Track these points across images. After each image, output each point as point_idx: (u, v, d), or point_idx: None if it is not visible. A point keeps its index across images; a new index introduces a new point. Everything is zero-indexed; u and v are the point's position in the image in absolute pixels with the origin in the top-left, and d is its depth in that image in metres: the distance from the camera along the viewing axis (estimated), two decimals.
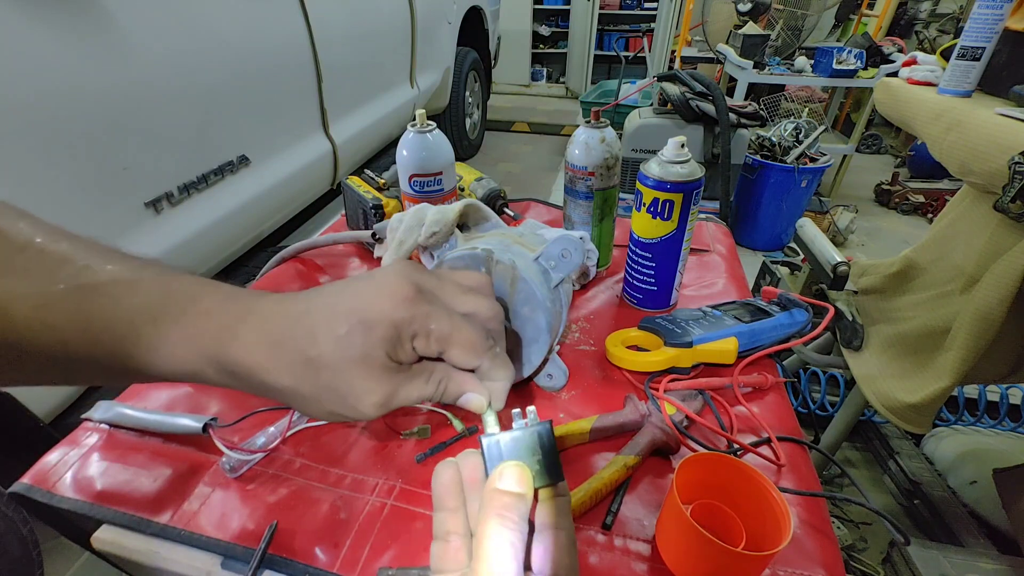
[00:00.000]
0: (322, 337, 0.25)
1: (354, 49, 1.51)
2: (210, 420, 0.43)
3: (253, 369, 0.25)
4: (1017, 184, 0.56)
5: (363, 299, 0.26)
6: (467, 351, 0.27)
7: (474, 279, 0.31)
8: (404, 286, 0.26)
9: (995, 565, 0.76)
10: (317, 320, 0.25)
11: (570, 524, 0.25)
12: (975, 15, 0.66)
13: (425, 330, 0.26)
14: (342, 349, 0.25)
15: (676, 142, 0.52)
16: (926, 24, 3.22)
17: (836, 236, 2.24)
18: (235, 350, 0.25)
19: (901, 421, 0.71)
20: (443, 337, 0.26)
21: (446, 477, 0.25)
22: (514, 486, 0.23)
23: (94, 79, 0.76)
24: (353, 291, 0.26)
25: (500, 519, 0.21)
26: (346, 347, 0.25)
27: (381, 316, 0.25)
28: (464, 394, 0.28)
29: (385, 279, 0.26)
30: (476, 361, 0.28)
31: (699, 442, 0.43)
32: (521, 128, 3.87)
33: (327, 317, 0.25)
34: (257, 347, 0.25)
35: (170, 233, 0.92)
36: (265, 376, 0.25)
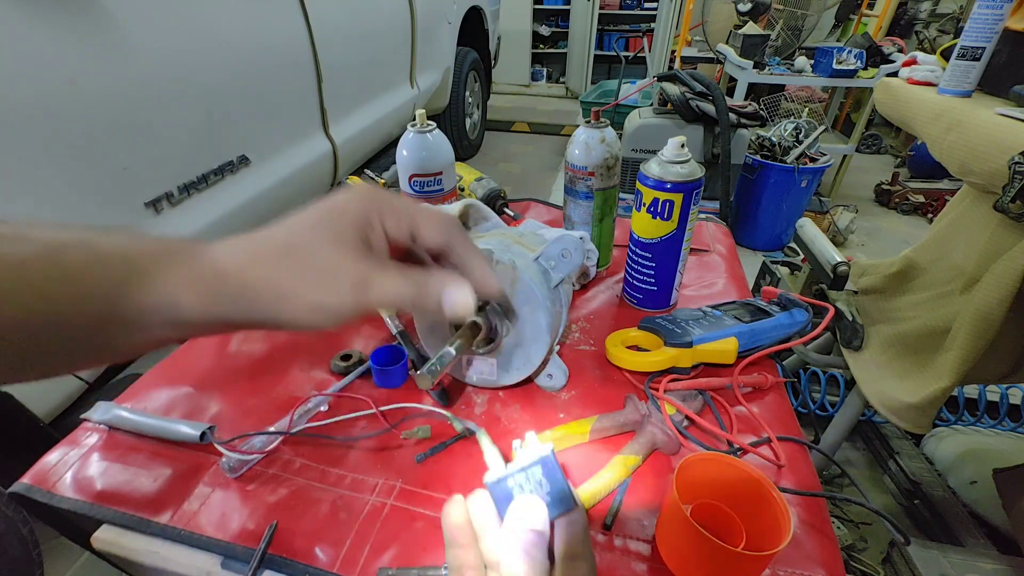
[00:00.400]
0: (296, 228, 0.26)
1: (354, 49, 1.51)
2: (208, 428, 0.43)
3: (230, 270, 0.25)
4: (1017, 184, 0.55)
5: (331, 199, 0.28)
6: (435, 225, 0.28)
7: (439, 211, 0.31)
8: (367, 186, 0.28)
9: (995, 565, 0.76)
10: (290, 222, 0.27)
11: (590, 552, 0.26)
12: (975, 15, 0.66)
13: (391, 208, 0.27)
14: (316, 232, 0.26)
15: (676, 142, 0.52)
16: (926, 24, 3.22)
17: (836, 236, 2.24)
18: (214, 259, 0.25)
19: (901, 421, 0.71)
20: (408, 213, 0.27)
21: (456, 516, 0.26)
22: (533, 523, 0.24)
23: (94, 79, 0.76)
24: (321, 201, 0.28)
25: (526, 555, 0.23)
26: (319, 230, 0.26)
27: (349, 203, 0.27)
28: (444, 289, 0.27)
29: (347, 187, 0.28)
30: (446, 235, 0.28)
31: (699, 442, 0.43)
32: (521, 128, 3.87)
33: (299, 217, 0.27)
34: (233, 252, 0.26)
35: (170, 233, 0.91)
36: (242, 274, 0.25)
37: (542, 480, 0.25)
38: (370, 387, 0.50)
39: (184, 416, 0.47)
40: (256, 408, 0.48)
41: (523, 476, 0.25)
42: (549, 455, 0.26)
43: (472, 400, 0.49)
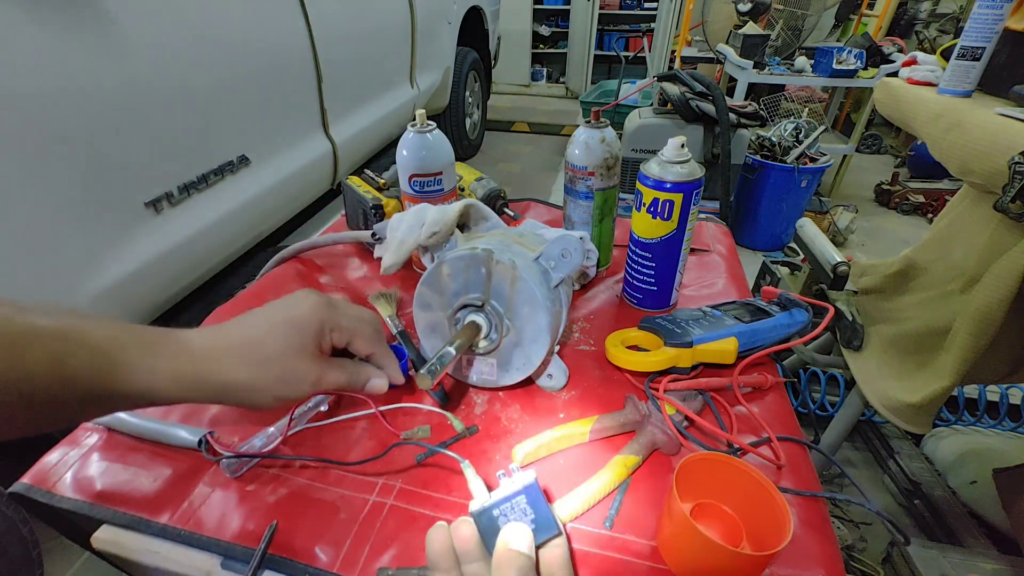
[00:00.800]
0: (271, 341, 0.35)
1: (354, 49, 1.51)
2: (207, 434, 0.43)
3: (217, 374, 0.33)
4: (1017, 184, 0.55)
5: (294, 311, 0.36)
6: (366, 341, 0.39)
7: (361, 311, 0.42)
8: (319, 299, 0.37)
9: (995, 565, 0.76)
10: (264, 332, 0.35)
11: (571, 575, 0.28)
12: (975, 15, 0.66)
13: (338, 325, 0.38)
14: (286, 346, 0.35)
15: (676, 142, 0.52)
16: (926, 24, 3.21)
17: (836, 236, 2.24)
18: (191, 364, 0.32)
19: (901, 421, 0.71)
20: (350, 330, 0.38)
21: (439, 542, 0.28)
22: (523, 547, 0.26)
23: (94, 79, 0.76)
24: (284, 307, 0.37)
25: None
26: (288, 344, 0.35)
27: (310, 318, 0.36)
28: (369, 380, 0.40)
29: (305, 298, 0.37)
30: (371, 348, 0.40)
31: (699, 442, 0.43)
32: (521, 128, 3.87)
33: (272, 328, 0.35)
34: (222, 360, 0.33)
35: (170, 233, 0.92)
36: (228, 376, 0.33)
37: (527, 508, 0.27)
38: None
39: (184, 415, 0.47)
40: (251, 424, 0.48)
41: (508, 505, 0.27)
42: (533, 483, 0.27)
43: (472, 400, 0.49)
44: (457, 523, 0.28)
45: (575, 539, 0.37)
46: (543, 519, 0.26)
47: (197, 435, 0.43)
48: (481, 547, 0.27)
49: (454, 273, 0.44)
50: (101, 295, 0.80)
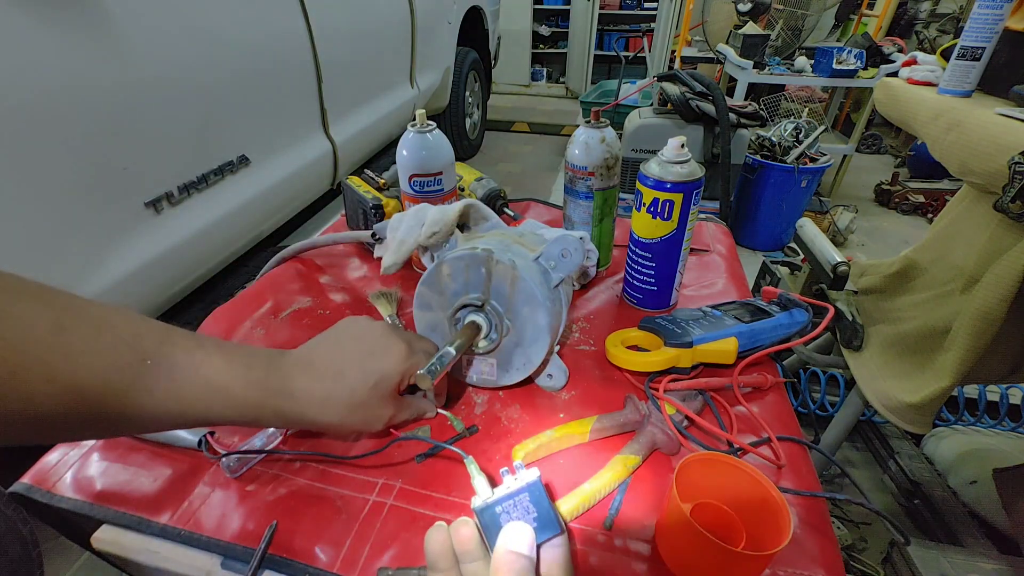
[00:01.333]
0: (360, 391, 0.39)
1: (354, 49, 1.51)
2: (207, 434, 0.43)
3: (309, 415, 0.37)
4: (1017, 184, 0.55)
5: (380, 360, 0.40)
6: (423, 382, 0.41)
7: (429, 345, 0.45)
8: (405, 349, 0.41)
9: (995, 565, 0.76)
10: (355, 378, 0.39)
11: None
12: (975, 15, 0.66)
13: (410, 374, 0.41)
14: (373, 394, 0.39)
15: (676, 142, 0.52)
16: (926, 24, 3.21)
17: (836, 236, 2.24)
18: (295, 406, 0.36)
19: (901, 421, 0.71)
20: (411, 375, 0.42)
21: (438, 542, 0.27)
22: (523, 548, 0.25)
23: (94, 79, 0.76)
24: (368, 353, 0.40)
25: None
26: (375, 392, 0.39)
27: (394, 370, 0.40)
28: (425, 413, 0.45)
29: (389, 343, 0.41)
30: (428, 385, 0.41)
31: (699, 442, 0.43)
32: (521, 128, 3.87)
33: (362, 375, 0.39)
34: (311, 402, 0.37)
35: (170, 233, 0.92)
36: (319, 419, 0.37)
37: (529, 506, 0.26)
38: None
39: None
40: None
41: (511, 503, 0.27)
42: (536, 481, 0.27)
43: (472, 400, 0.49)
44: (456, 524, 0.28)
45: (575, 539, 0.37)
46: (545, 517, 0.26)
47: (197, 435, 0.43)
48: (481, 547, 0.27)
49: (454, 273, 0.44)
50: (101, 295, 0.80)
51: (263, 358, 0.36)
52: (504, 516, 0.26)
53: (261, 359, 0.36)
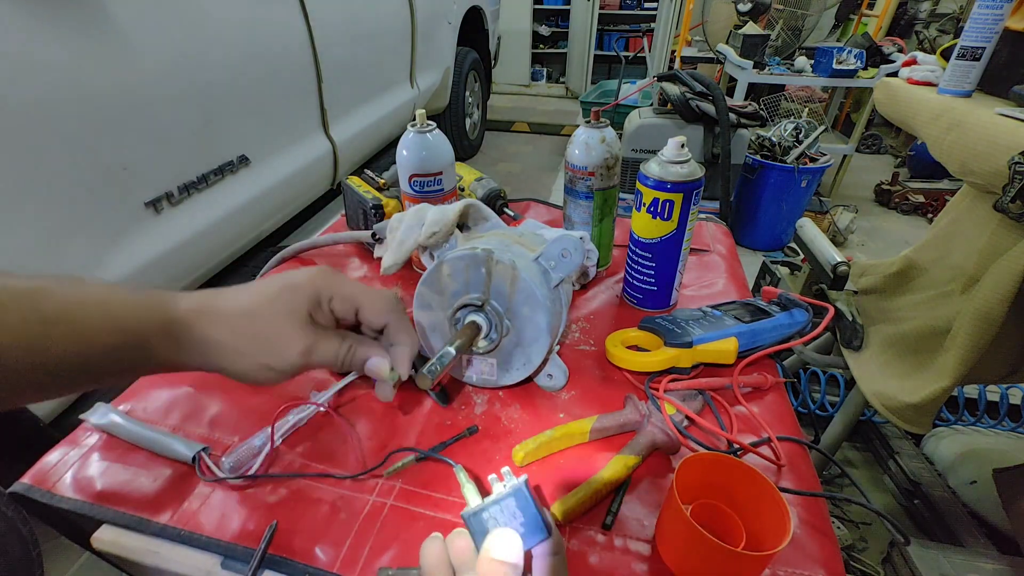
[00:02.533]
0: (257, 299, 0.32)
1: (354, 49, 1.51)
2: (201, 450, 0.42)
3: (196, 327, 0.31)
4: (1017, 184, 0.55)
5: (289, 276, 0.33)
6: (376, 308, 0.34)
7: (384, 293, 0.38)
8: (321, 268, 0.34)
9: (995, 565, 0.76)
10: (252, 292, 0.32)
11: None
12: (975, 15, 0.66)
13: (340, 293, 0.34)
14: (273, 304, 0.32)
15: (676, 142, 0.52)
16: (926, 24, 3.21)
17: (836, 236, 2.24)
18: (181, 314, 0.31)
19: (901, 421, 0.71)
20: (354, 298, 0.34)
21: (433, 552, 0.27)
22: (506, 555, 0.25)
23: (94, 79, 0.76)
24: (280, 275, 0.34)
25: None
26: (276, 302, 0.32)
27: (304, 281, 0.33)
28: (369, 358, 0.35)
29: (307, 268, 0.34)
30: (384, 318, 0.35)
31: (699, 442, 0.43)
32: (521, 128, 3.86)
33: (261, 288, 0.32)
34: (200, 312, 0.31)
35: (170, 233, 0.92)
36: (207, 331, 0.31)
37: (516, 511, 0.26)
38: (370, 386, 0.50)
39: (184, 417, 0.47)
40: (256, 408, 0.48)
41: (497, 509, 0.27)
42: (521, 486, 0.27)
43: (472, 400, 0.49)
44: (452, 535, 0.28)
45: (575, 539, 0.37)
46: (532, 522, 0.26)
47: (193, 449, 0.42)
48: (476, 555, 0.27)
49: (454, 273, 0.44)
50: None
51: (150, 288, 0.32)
52: (491, 522, 0.26)
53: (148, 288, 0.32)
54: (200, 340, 0.31)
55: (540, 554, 0.27)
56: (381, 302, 0.35)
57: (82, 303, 0.28)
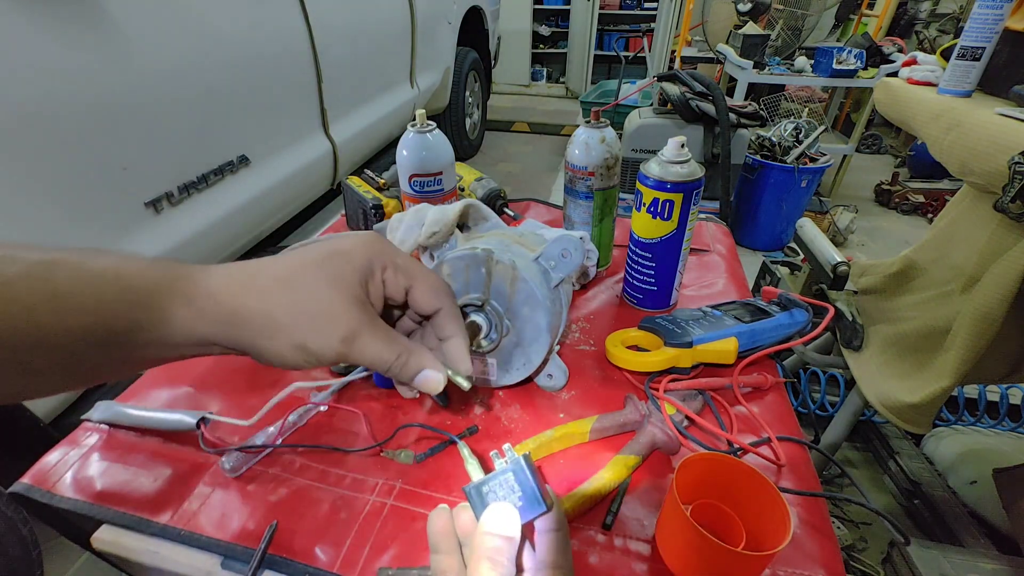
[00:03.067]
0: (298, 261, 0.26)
1: (354, 49, 1.51)
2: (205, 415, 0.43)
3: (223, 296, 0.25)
4: (1017, 184, 0.55)
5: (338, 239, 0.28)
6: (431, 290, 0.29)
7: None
8: (374, 234, 0.28)
9: (995, 565, 0.76)
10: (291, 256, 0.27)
11: (567, 561, 0.27)
12: (975, 15, 0.66)
13: (393, 263, 0.28)
14: (318, 270, 0.26)
15: (676, 142, 0.52)
16: (926, 24, 3.21)
17: (836, 236, 2.24)
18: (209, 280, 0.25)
19: (901, 421, 0.71)
20: (409, 271, 0.28)
21: (439, 523, 0.27)
22: (500, 528, 0.25)
23: (94, 79, 0.76)
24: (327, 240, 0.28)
25: (490, 562, 0.23)
26: (321, 269, 0.26)
27: (355, 248, 0.27)
28: (423, 370, 0.28)
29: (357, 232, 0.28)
30: (438, 303, 0.29)
31: (699, 442, 0.43)
32: (521, 128, 3.86)
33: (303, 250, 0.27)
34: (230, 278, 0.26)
35: (170, 233, 0.92)
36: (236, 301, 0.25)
37: (514, 485, 0.26)
38: (370, 387, 0.50)
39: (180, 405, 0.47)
40: (256, 407, 0.48)
41: (497, 483, 0.27)
42: (520, 460, 0.27)
43: (472, 400, 0.49)
44: (459, 508, 0.28)
45: (575, 539, 0.37)
46: (530, 496, 0.26)
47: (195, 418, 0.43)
48: None
49: (454, 273, 0.44)
50: None
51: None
52: (491, 496, 0.27)
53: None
54: (227, 311, 0.25)
55: (542, 530, 0.27)
56: (437, 282, 0.29)
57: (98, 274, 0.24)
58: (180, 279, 0.25)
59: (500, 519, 0.25)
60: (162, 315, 0.25)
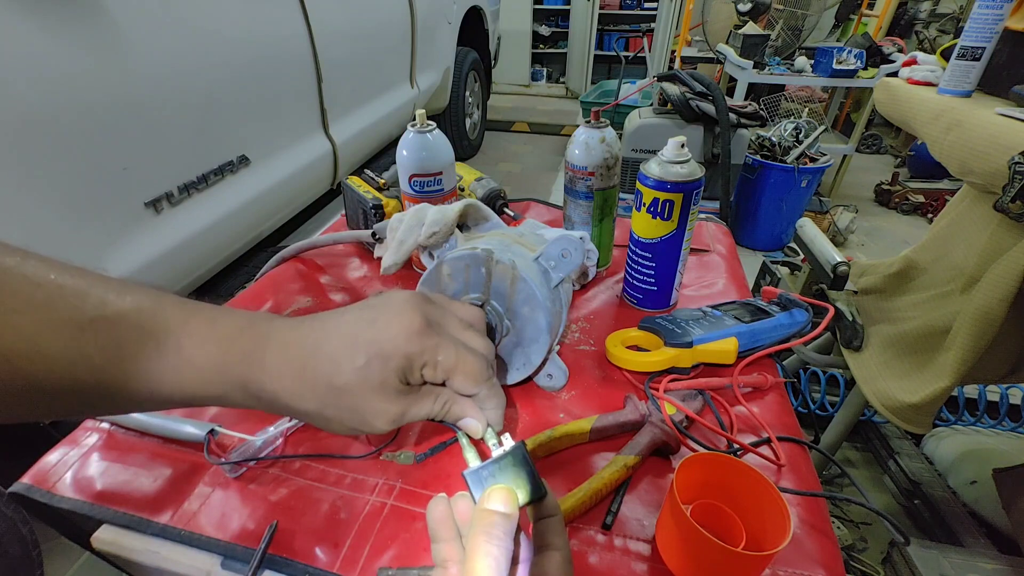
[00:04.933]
0: (344, 366, 0.28)
1: (354, 49, 1.51)
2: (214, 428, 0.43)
3: (280, 395, 0.28)
4: (1017, 184, 0.55)
5: (379, 331, 0.29)
6: (469, 380, 0.31)
7: (471, 313, 0.34)
8: (416, 319, 0.29)
9: (995, 565, 0.76)
10: (338, 349, 0.28)
11: (564, 543, 0.27)
12: (975, 15, 0.66)
13: (433, 361, 0.30)
14: (362, 377, 0.28)
15: (676, 142, 0.52)
16: (926, 24, 3.21)
17: (836, 236, 2.24)
18: (262, 377, 0.27)
19: (901, 421, 0.71)
20: (449, 367, 0.30)
21: (438, 511, 0.27)
22: (498, 506, 0.25)
23: (94, 79, 0.76)
24: (369, 321, 0.29)
25: (486, 536, 0.24)
26: (366, 376, 0.28)
27: (396, 349, 0.28)
28: (465, 418, 0.31)
29: (399, 311, 0.30)
30: (476, 389, 0.31)
31: (699, 442, 0.43)
32: (521, 128, 3.86)
33: (347, 347, 0.28)
34: (284, 375, 0.27)
35: (170, 233, 0.92)
36: (291, 401, 0.28)
37: (511, 471, 0.28)
38: None
39: (185, 414, 0.47)
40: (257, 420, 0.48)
41: (495, 467, 0.28)
42: (517, 446, 0.28)
43: None
44: (457, 497, 0.28)
45: (575, 539, 0.37)
46: (527, 482, 0.27)
47: (204, 430, 0.43)
48: None
49: (454, 273, 0.44)
50: None
51: (242, 316, 0.29)
52: (489, 480, 0.27)
53: (238, 317, 0.29)
54: (284, 407, 0.28)
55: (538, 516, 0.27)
56: (477, 371, 0.31)
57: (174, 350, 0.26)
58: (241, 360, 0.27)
59: (498, 497, 0.26)
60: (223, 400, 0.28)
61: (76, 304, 0.24)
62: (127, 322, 0.25)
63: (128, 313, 0.26)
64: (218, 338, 0.27)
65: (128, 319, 0.25)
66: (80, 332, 0.24)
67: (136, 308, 0.26)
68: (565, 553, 0.26)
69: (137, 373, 0.26)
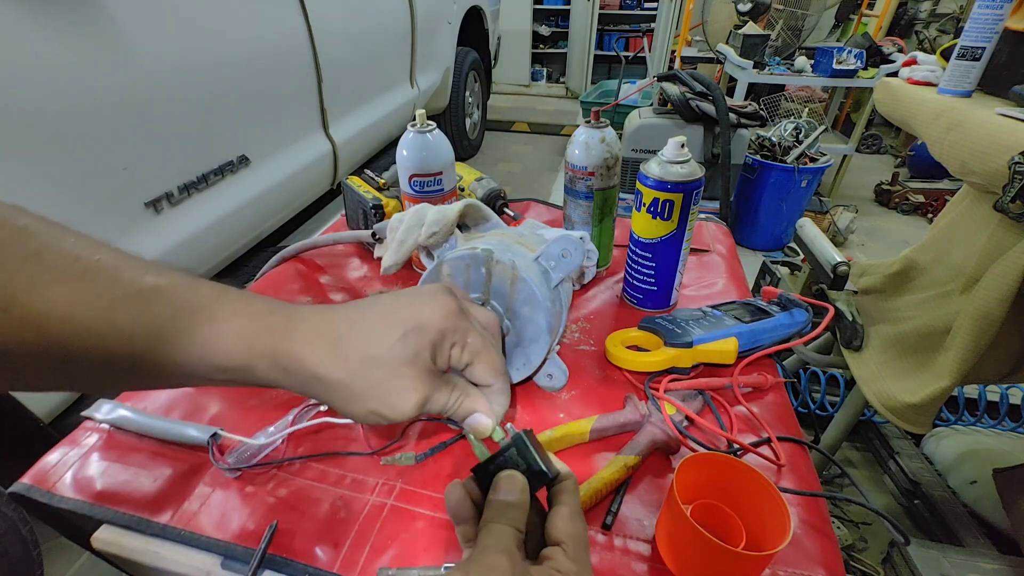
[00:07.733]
0: (380, 338, 0.28)
1: (354, 49, 1.51)
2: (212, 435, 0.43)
3: (308, 362, 0.27)
4: (1017, 184, 0.55)
5: (416, 309, 0.29)
6: (490, 368, 0.31)
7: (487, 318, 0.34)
8: (452, 302, 0.30)
9: (995, 565, 0.76)
10: (374, 324, 0.28)
11: (573, 500, 0.28)
12: (975, 15, 0.66)
13: (463, 341, 0.30)
14: (398, 349, 0.28)
15: (676, 142, 0.52)
16: (926, 24, 3.21)
17: (836, 236, 2.24)
18: (293, 345, 0.27)
19: (901, 421, 0.71)
20: (475, 351, 0.30)
21: (455, 496, 0.28)
22: (506, 495, 0.26)
23: (94, 79, 0.76)
24: (406, 302, 0.30)
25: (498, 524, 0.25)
26: (402, 347, 0.28)
27: (432, 323, 0.29)
28: (475, 413, 0.31)
29: (435, 294, 0.30)
30: (494, 379, 0.31)
31: (699, 442, 0.43)
32: (521, 128, 3.86)
33: (384, 322, 0.28)
34: (315, 343, 0.27)
35: (170, 233, 0.92)
36: (320, 369, 0.27)
37: (518, 460, 0.28)
38: None
39: (186, 415, 0.47)
40: (258, 407, 0.48)
41: (502, 459, 0.28)
42: (520, 435, 0.28)
43: None
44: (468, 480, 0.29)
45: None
46: (535, 466, 0.28)
47: (206, 433, 0.43)
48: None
49: (454, 273, 0.44)
50: None
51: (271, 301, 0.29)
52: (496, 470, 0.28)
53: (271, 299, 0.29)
54: (311, 377, 0.27)
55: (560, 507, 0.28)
56: (497, 363, 0.32)
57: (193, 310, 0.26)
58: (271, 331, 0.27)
59: (505, 487, 0.27)
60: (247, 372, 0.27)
61: (113, 276, 0.25)
62: (161, 296, 0.26)
63: (163, 288, 0.26)
64: (251, 312, 0.27)
65: (162, 293, 0.26)
66: (114, 304, 0.24)
67: (171, 284, 0.26)
68: (572, 507, 0.27)
69: (166, 345, 0.25)
